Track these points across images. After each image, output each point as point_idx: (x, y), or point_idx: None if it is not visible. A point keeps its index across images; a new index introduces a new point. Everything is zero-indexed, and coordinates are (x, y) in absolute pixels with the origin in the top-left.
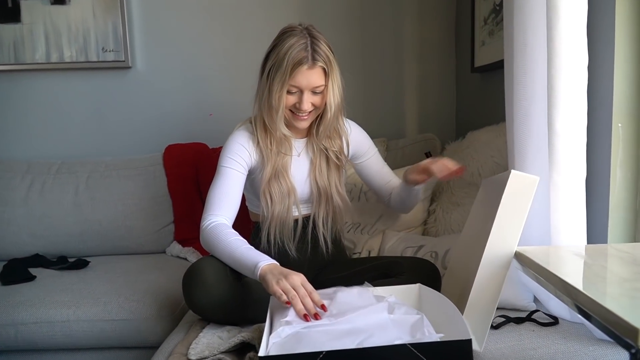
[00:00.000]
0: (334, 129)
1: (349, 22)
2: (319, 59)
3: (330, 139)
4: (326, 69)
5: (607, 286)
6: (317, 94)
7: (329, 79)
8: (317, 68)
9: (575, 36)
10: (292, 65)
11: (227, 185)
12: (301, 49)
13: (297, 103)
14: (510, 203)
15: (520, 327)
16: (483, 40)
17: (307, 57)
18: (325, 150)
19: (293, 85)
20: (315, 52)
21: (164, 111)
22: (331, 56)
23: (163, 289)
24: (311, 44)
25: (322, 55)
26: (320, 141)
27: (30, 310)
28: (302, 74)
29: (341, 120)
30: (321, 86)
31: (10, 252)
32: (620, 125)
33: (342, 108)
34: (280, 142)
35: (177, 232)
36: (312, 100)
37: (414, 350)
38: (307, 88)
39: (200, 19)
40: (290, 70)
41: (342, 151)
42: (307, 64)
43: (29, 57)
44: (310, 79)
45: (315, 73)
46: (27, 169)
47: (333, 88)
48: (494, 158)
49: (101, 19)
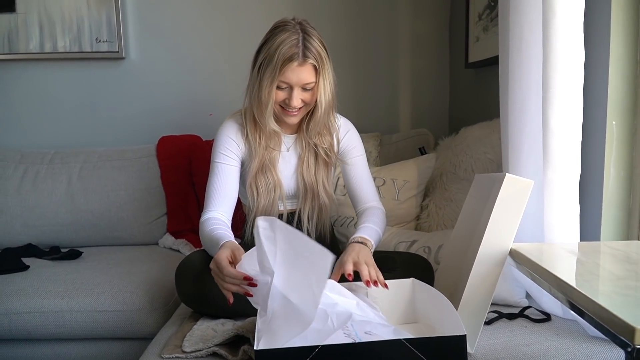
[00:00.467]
0: (325, 126)
1: (344, 17)
2: (309, 56)
3: (320, 135)
4: (317, 66)
5: (601, 284)
6: (307, 90)
7: (320, 76)
8: (307, 65)
9: (571, 34)
10: (282, 61)
11: (221, 181)
12: (292, 45)
13: (286, 99)
14: (504, 206)
15: (512, 323)
16: (477, 36)
17: (297, 54)
18: (315, 147)
19: (283, 81)
20: (306, 48)
21: (157, 102)
22: (323, 53)
23: (156, 281)
24: (303, 40)
25: (313, 52)
26: (310, 137)
27: (23, 300)
28: (292, 71)
29: (332, 117)
30: (311, 83)
31: (2, 241)
32: (615, 123)
33: (334, 105)
34: (269, 136)
35: (170, 223)
36: (302, 97)
37: (408, 345)
38: (297, 84)
39: (195, 10)
40: (280, 66)
41: (331, 148)
42: (297, 61)
43: (23, 46)
44: (301, 76)
45: (306, 70)
46: (20, 158)
47: (324, 85)
48: (487, 154)
49: (95, 9)
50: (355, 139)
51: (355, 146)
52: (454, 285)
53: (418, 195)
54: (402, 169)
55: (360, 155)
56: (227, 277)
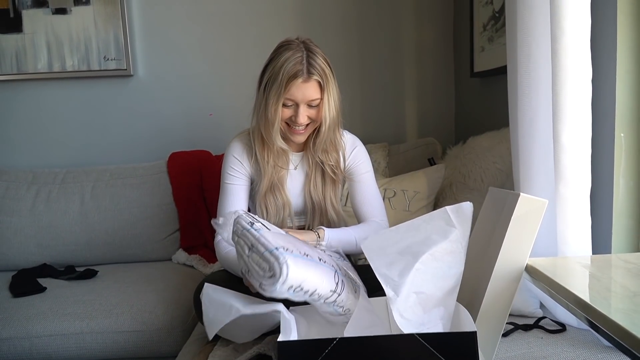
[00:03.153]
0: (331, 143)
1: (348, 29)
2: (314, 72)
3: (326, 152)
4: (322, 82)
5: (617, 300)
6: (313, 107)
7: (325, 92)
8: (312, 81)
9: (579, 51)
10: (287, 78)
11: (231, 202)
12: (296, 62)
13: (293, 116)
14: (518, 225)
15: (528, 334)
16: (482, 46)
17: (302, 71)
18: (322, 164)
19: (288, 98)
20: (310, 65)
21: (166, 118)
22: (327, 69)
23: (173, 299)
24: (307, 57)
25: (317, 68)
26: (316, 155)
27: (44, 323)
28: (297, 87)
29: (338, 134)
30: (317, 99)
31: (17, 262)
32: (623, 135)
33: (339, 122)
34: (277, 155)
35: (183, 239)
36: (308, 114)
37: (421, 340)
38: (303, 101)
39: (201, 28)
40: (285, 83)
41: (338, 165)
42: (302, 77)
43: (31, 66)
44: (306, 92)
45: (311, 86)
46: (32, 178)
47: (329, 101)
48: (496, 164)
49: (102, 28)
50: (363, 156)
51: (362, 163)
52: (469, 297)
53: (428, 205)
54: (412, 180)
55: (367, 172)
56: None
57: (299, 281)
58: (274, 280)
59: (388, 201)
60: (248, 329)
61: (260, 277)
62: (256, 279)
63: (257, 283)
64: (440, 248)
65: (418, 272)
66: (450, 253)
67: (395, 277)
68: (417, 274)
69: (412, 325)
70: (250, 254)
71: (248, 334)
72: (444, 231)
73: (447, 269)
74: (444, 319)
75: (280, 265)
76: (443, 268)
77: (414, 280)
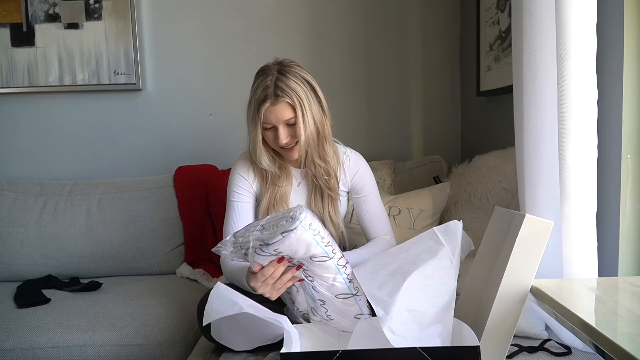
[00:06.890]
0: (320, 158)
1: (356, 47)
2: (280, 94)
3: (315, 166)
4: (291, 102)
5: (625, 325)
6: (292, 125)
7: (297, 110)
8: (281, 103)
9: (585, 71)
10: (257, 104)
11: (237, 219)
12: (265, 87)
13: (275, 138)
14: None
15: (533, 357)
16: (489, 66)
17: (269, 95)
18: (315, 179)
19: (265, 122)
20: (277, 87)
21: (173, 132)
22: (300, 87)
23: (176, 314)
24: (275, 80)
25: (285, 90)
26: (308, 170)
27: (47, 334)
28: (268, 111)
29: (329, 148)
30: (291, 118)
31: (23, 273)
32: (630, 156)
33: (326, 136)
34: (275, 175)
35: (187, 253)
36: (290, 133)
37: (423, 354)
38: (278, 123)
39: (210, 44)
40: (257, 108)
41: (331, 179)
42: (269, 101)
43: (43, 80)
44: (278, 114)
45: (280, 108)
46: (40, 190)
47: (304, 118)
48: (501, 183)
49: (113, 43)
50: (367, 176)
51: (367, 183)
52: (474, 317)
53: (434, 223)
54: (417, 198)
55: (372, 192)
56: (269, 272)
57: (315, 224)
58: (295, 219)
59: (393, 219)
60: (246, 335)
61: (282, 227)
62: (277, 233)
63: (279, 237)
64: (430, 266)
65: (408, 290)
66: (440, 269)
67: (385, 296)
68: (407, 292)
69: (407, 342)
70: (263, 230)
71: (246, 341)
72: (432, 250)
73: (438, 285)
74: (442, 336)
75: (299, 209)
76: (434, 285)
77: (404, 298)
